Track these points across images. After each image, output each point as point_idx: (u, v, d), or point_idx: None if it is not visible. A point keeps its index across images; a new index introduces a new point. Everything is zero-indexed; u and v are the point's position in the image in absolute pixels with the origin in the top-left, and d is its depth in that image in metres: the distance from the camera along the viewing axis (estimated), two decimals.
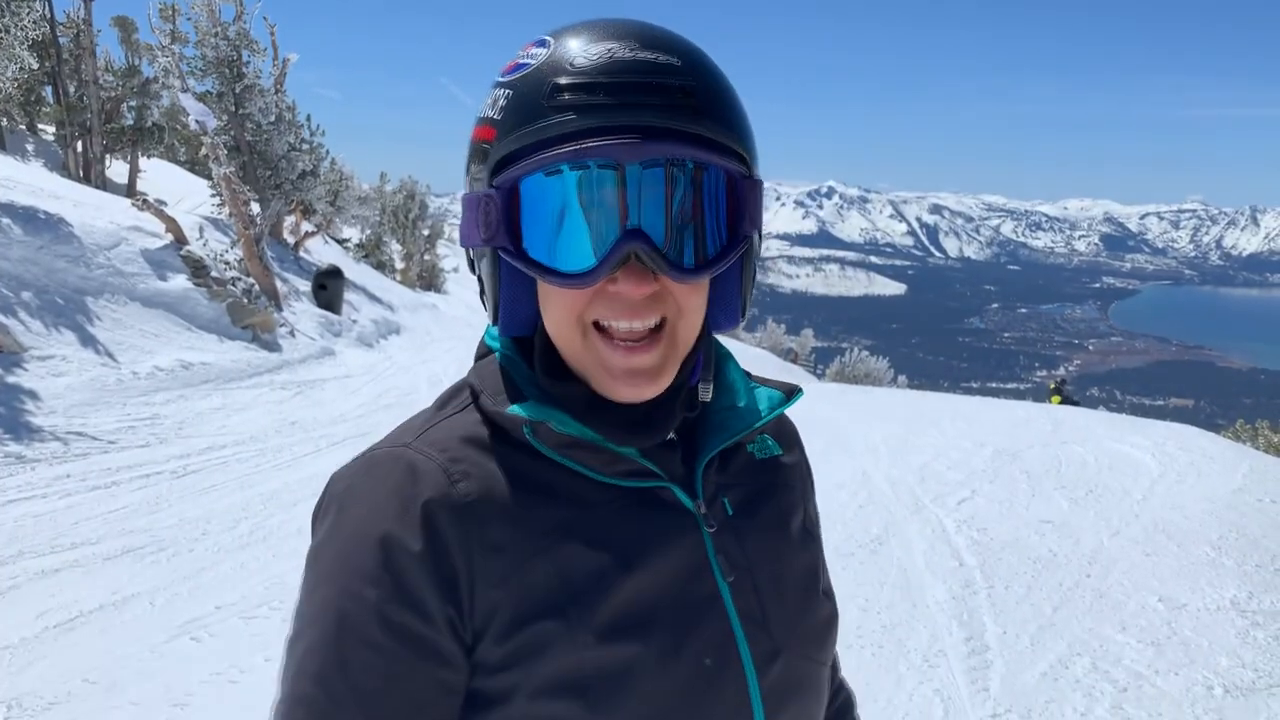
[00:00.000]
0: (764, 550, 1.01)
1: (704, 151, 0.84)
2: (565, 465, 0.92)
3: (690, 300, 0.89)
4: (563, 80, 0.83)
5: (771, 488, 1.08)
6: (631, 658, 0.87)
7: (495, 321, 0.95)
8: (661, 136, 0.83)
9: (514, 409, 0.90)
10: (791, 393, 1.09)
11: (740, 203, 0.90)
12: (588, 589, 0.88)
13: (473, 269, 0.97)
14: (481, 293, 0.96)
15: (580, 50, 0.85)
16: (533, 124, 0.84)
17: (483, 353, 1.03)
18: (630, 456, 0.93)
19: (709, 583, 0.94)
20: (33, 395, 8.51)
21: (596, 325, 0.89)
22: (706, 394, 1.02)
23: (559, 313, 0.89)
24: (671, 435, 0.99)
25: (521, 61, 0.88)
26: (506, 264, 0.90)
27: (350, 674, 0.84)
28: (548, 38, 0.89)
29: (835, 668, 1.24)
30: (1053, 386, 20.95)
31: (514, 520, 0.89)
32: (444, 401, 1.01)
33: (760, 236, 0.94)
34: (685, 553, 0.94)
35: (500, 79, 0.90)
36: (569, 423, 0.90)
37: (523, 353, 0.98)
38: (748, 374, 1.10)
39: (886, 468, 8.53)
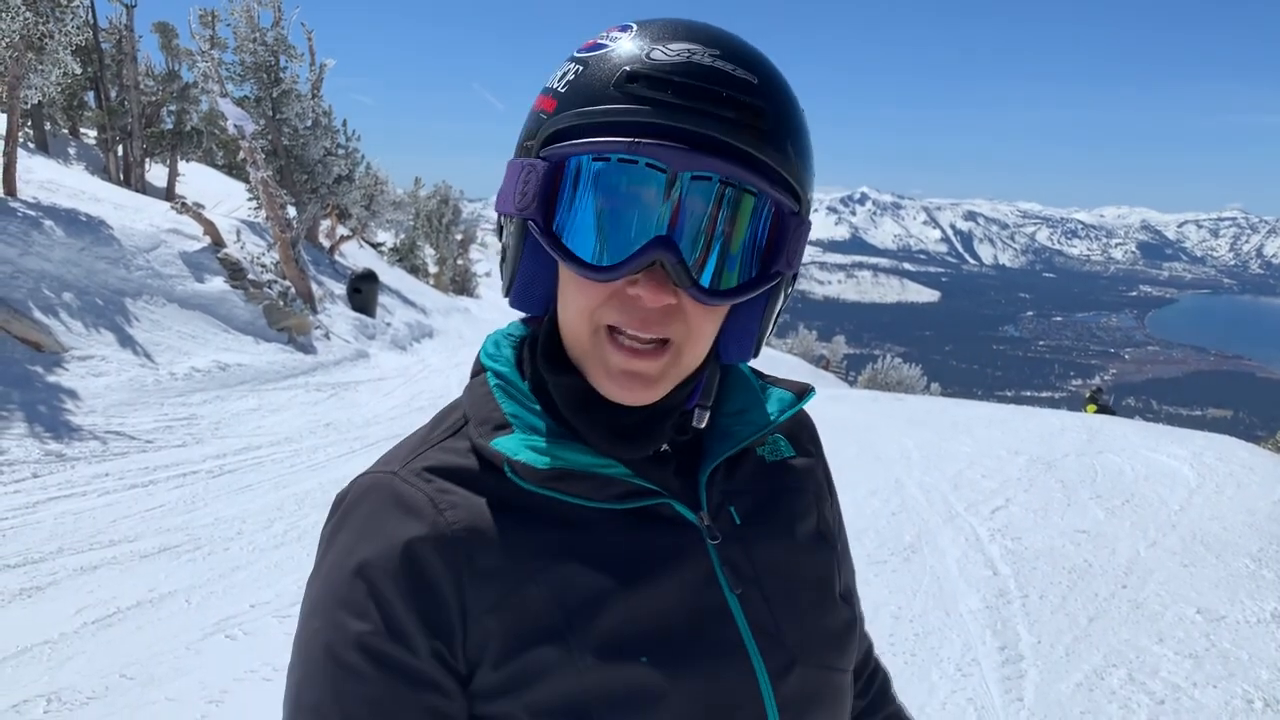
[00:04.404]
0: (773, 558, 0.98)
1: (758, 177, 0.81)
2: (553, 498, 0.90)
3: (703, 324, 0.87)
4: (635, 69, 0.81)
5: (781, 492, 1.04)
6: (637, 679, 0.85)
7: (507, 294, 0.93)
8: (720, 151, 0.80)
9: (496, 444, 0.89)
10: (803, 393, 1.05)
11: (782, 239, 0.87)
12: (585, 611, 0.86)
13: (500, 235, 0.95)
14: (502, 260, 0.94)
15: (660, 44, 0.82)
16: (594, 105, 0.82)
17: (477, 369, 1.00)
18: (621, 478, 0.90)
19: (717, 597, 0.92)
20: (73, 395, 8.63)
21: (608, 327, 0.87)
22: (701, 421, 0.98)
23: (574, 305, 0.87)
24: (665, 448, 0.96)
25: (600, 41, 0.86)
26: (532, 238, 0.89)
27: (344, 705, 0.83)
28: (633, 24, 0.86)
29: (869, 653, 1.22)
30: (1088, 395, 20.67)
31: (504, 546, 0.87)
32: (437, 422, 0.99)
33: (795, 277, 0.91)
34: (689, 568, 0.91)
35: (576, 54, 0.88)
36: (553, 455, 0.88)
37: (519, 358, 0.97)
38: (758, 374, 1.07)
39: (919, 475, 8.47)
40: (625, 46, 0.84)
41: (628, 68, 0.81)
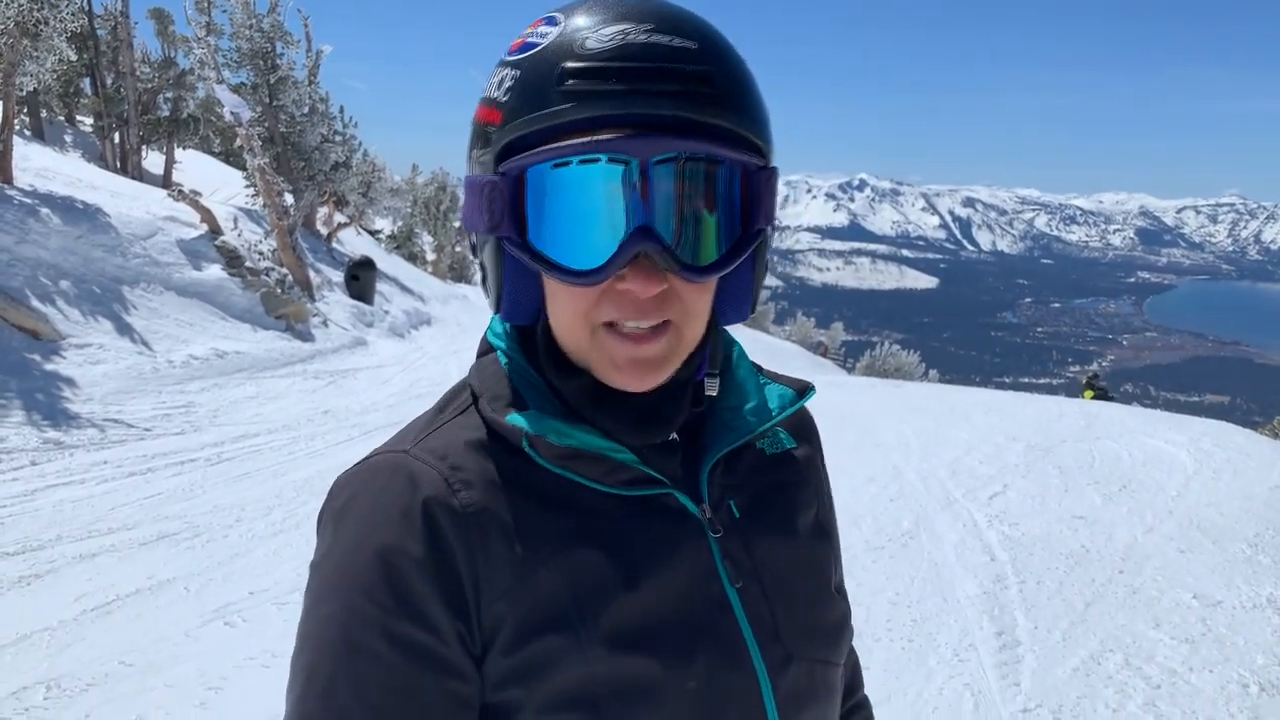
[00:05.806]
0: (773, 553, 0.98)
1: (720, 145, 0.80)
2: (565, 477, 0.89)
3: (697, 300, 0.87)
4: (573, 64, 0.79)
5: (781, 485, 1.04)
6: (643, 670, 0.85)
7: (497, 310, 0.92)
8: (677, 128, 0.79)
9: (513, 419, 0.88)
10: (803, 391, 1.05)
11: (755, 197, 0.86)
12: (595, 601, 0.86)
13: (474, 253, 0.94)
14: (484, 279, 0.93)
15: (591, 31, 0.80)
16: (540, 110, 0.80)
17: (484, 349, 1.00)
18: (631, 464, 0.89)
19: (717, 590, 0.92)
20: (71, 383, 8.63)
21: (605, 324, 0.86)
22: (713, 389, 0.99)
23: (566, 311, 0.87)
24: (674, 436, 0.96)
25: (529, 40, 0.83)
26: (511, 253, 0.87)
27: (358, 690, 0.81)
28: (557, 15, 0.84)
29: (858, 683, 1.21)
30: (1086, 381, 20.71)
31: (517, 530, 0.87)
32: (444, 404, 0.98)
33: (774, 228, 0.90)
34: (692, 560, 0.91)
35: (506, 58, 0.85)
36: (567, 434, 0.87)
37: (525, 346, 0.95)
38: (758, 369, 1.07)
39: (917, 462, 8.48)
40: (557, 42, 0.81)
41: (566, 64, 0.79)
